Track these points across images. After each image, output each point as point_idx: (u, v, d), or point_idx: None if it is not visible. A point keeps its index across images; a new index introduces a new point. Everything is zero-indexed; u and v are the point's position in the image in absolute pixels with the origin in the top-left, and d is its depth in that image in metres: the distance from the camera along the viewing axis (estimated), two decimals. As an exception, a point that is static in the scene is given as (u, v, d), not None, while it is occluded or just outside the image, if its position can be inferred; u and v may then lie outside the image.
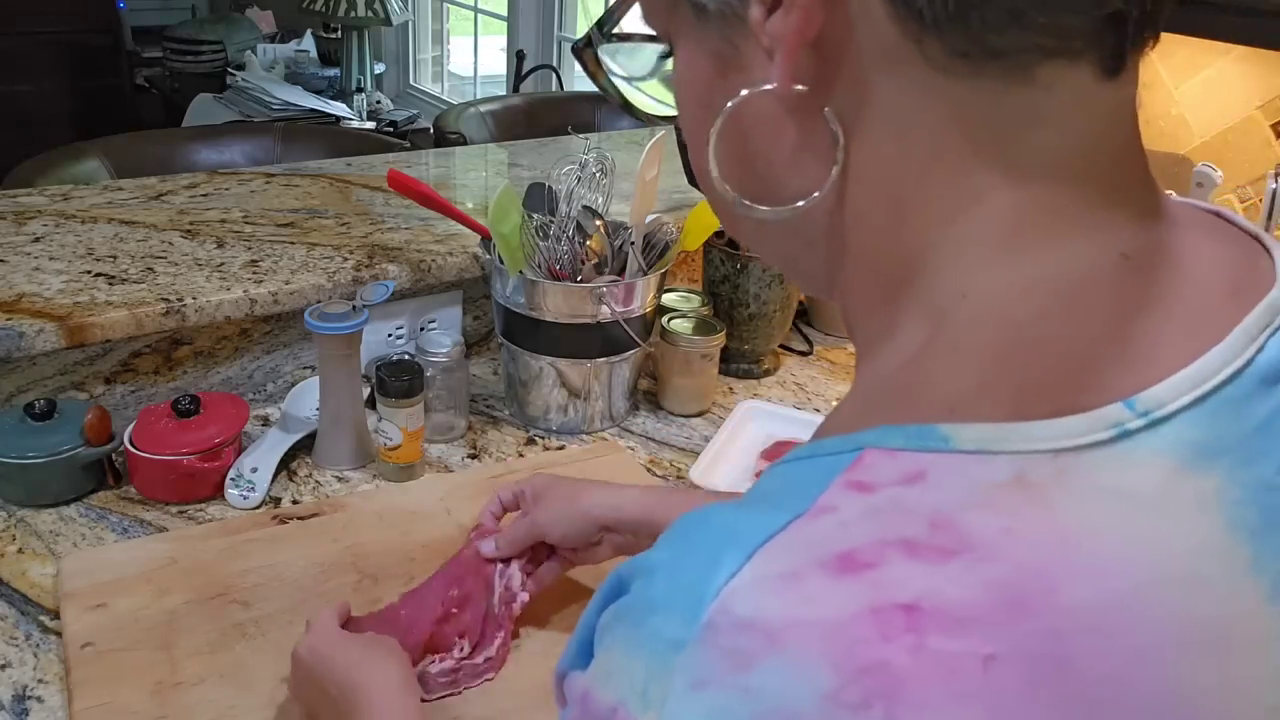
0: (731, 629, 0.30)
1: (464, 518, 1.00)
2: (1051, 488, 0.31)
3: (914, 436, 0.33)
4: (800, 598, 0.30)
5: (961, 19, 0.33)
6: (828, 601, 0.30)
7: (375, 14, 3.44)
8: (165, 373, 1.14)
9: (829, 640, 0.29)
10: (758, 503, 0.34)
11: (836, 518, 0.32)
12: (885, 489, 0.32)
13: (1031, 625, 0.30)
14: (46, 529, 0.97)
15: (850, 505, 0.32)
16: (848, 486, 0.32)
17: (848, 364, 1.41)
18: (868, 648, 0.29)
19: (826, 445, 0.35)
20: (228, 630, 0.84)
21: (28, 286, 1.11)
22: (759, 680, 0.30)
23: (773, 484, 0.36)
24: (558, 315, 1.12)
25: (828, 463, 0.33)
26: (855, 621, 0.30)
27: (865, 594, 0.30)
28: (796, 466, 0.35)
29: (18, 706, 0.78)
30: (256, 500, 1.02)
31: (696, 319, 1.26)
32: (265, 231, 1.30)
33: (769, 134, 0.39)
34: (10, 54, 3.71)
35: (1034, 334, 0.34)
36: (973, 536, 0.31)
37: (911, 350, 0.36)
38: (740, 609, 0.31)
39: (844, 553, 0.31)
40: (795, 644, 0.30)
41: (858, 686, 0.29)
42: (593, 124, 2.30)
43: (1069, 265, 0.35)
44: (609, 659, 0.34)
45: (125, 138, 1.83)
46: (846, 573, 0.30)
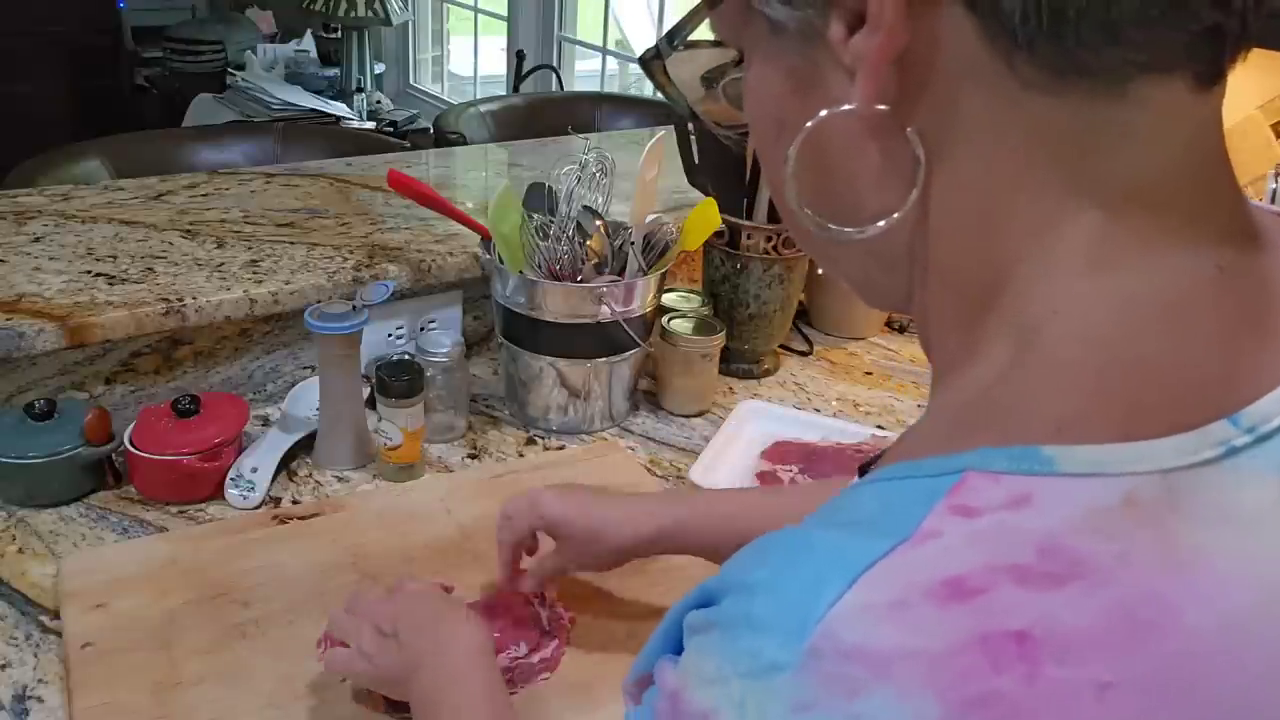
0: (837, 656, 0.30)
1: (464, 518, 1.00)
2: (1162, 508, 0.31)
3: (1017, 459, 0.32)
4: (907, 627, 0.30)
5: (1055, 36, 0.32)
6: (935, 631, 0.30)
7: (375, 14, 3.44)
8: (165, 373, 1.14)
9: (937, 671, 0.29)
10: (856, 525, 0.34)
11: (941, 543, 0.31)
12: (990, 514, 0.31)
13: (1148, 651, 0.29)
14: (46, 529, 0.97)
15: (955, 530, 0.31)
16: (951, 511, 0.32)
17: (847, 364, 1.41)
18: (978, 679, 0.29)
19: (924, 466, 0.34)
20: (228, 630, 0.84)
21: (28, 286, 1.11)
22: (864, 709, 0.29)
23: (868, 506, 0.35)
24: (558, 315, 1.12)
25: (927, 485, 0.33)
26: (964, 651, 0.29)
27: (974, 622, 0.29)
28: (893, 487, 0.35)
29: (18, 706, 0.78)
30: (256, 500, 1.02)
31: (696, 319, 1.26)
32: (265, 231, 1.30)
33: (848, 153, 0.38)
34: (10, 54, 3.71)
35: (1135, 351, 0.34)
36: (1085, 562, 0.30)
37: (998, 368, 0.36)
38: (846, 636, 0.30)
39: (951, 579, 0.30)
40: (902, 674, 0.29)
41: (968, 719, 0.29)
42: (593, 124, 2.30)
43: (1165, 280, 0.35)
44: (703, 664, 0.34)
45: (125, 138, 1.83)
46: (954, 600, 0.30)
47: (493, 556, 0.94)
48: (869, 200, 0.38)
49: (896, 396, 1.32)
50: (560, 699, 0.80)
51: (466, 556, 0.95)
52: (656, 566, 0.95)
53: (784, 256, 1.27)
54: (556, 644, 0.84)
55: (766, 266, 1.27)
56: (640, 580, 0.93)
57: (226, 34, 3.85)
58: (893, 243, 0.39)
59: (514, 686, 0.80)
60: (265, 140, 1.92)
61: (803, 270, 1.33)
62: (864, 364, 1.41)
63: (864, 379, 1.37)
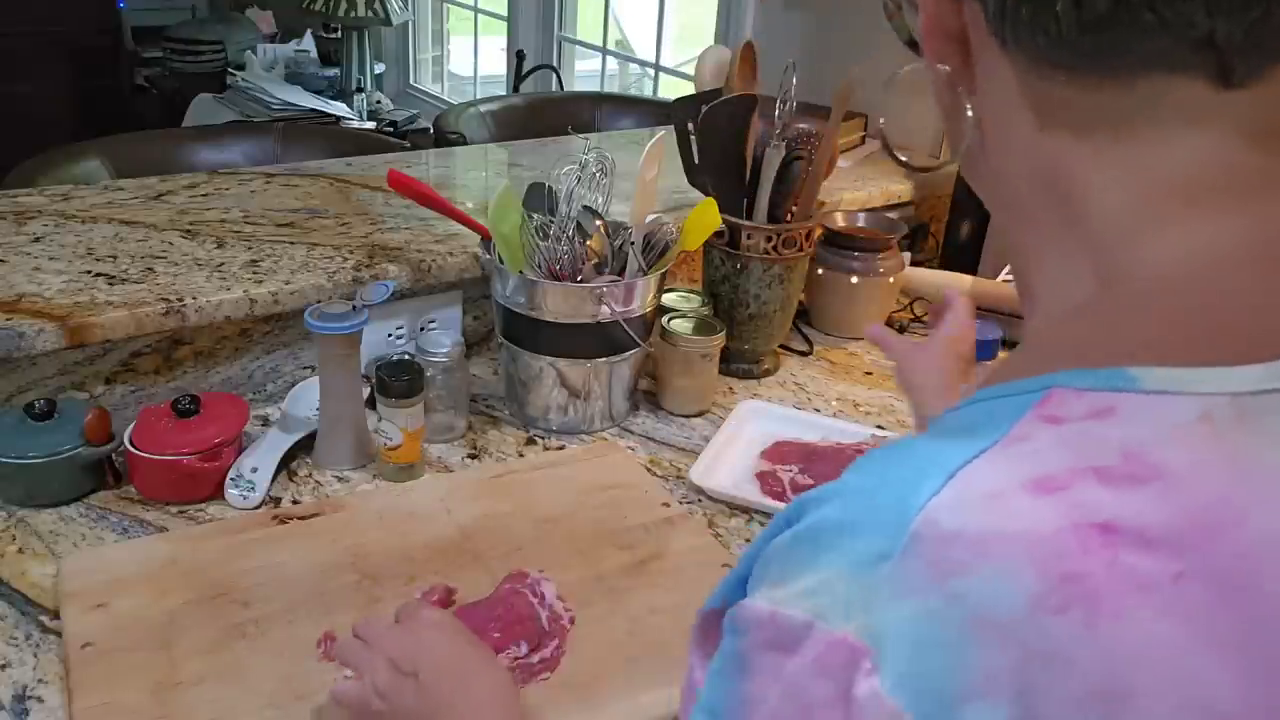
0: (938, 540, 0.33)
1: (464, 518, 1.00)
2: (1233, 427, 0.34)
3: (1102, 378, 0.36)
4: (1004, 513, 0.33)
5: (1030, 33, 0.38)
6: (1030, 517, 0.33)
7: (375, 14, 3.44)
8: (165, 373, 1.14)
9: (1034, 550, 0.32)
10: (950, 433, 0.37)
11: (1031, 445, 0.35)
12: (1075, 422, 0.35)
13: (1219, 548, 0.32)
14: (46, 529, 0.97)
15: (1042, 435, 0.35)
16: (1039, 419, 0.35)
17: (848, 364, 1.41)
18: (1069, 559, 0.32)
19: (1012, 387, 0.38)
20: (228, 630, 0.84)
21: (28, 286, 1.11)
22: (967, 587, 0.32)
23: (962, 419, 0.38)
24: (558, 315, 1.12)
25: (1015, 400, 0.37)
26: (1056, 536, 0.32)
27: (1064, 512, 0.33)
28: (984, 405, 0.38)
29: (18, 706, 0.78)
30: (256, 500, 1.02)
31: (696, 319, 1.26)
32: (265, 231, 1.30)
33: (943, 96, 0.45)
34: (10, 54, 3.71)
35: (1217, 286, 0.38)
36: (1163, 467, 0.33)
37: (1079, 300, 0.41)
38: (946, 523, 0.33)
39: (1040, 477, 0.34)
40: (1001, 553, 0.32)
41: (1060, 593, 0.32)
42: (593, 124, 2.30)
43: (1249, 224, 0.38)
44: (798, 578, 0.36)
45: (125, 138, 1.83)
46: (1044, 493, 0.33)
47: (492, 557, 0.95)
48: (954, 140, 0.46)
49: (896, 396, 1.32)
50: (560, 699, 0.80)
51: (466, 556, 0.95)
52: (657, 566, 0.95)
53: (784, 256, 1.27)
54: (556, 644, 0.84)
55: (766, 266, 1.27)
56: (640, 580, 0.93)
57: (226, 34, 3.85)
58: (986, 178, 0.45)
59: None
60: (265, 140, 1.92)
61: (803, 270, 1.33)
62: (864, 364, 1.41)
63: (864, 379, 1.37)
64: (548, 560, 0.94)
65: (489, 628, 0.84)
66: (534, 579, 0.90)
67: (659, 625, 0.88)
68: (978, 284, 1.48)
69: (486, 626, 0.84)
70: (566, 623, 0.87)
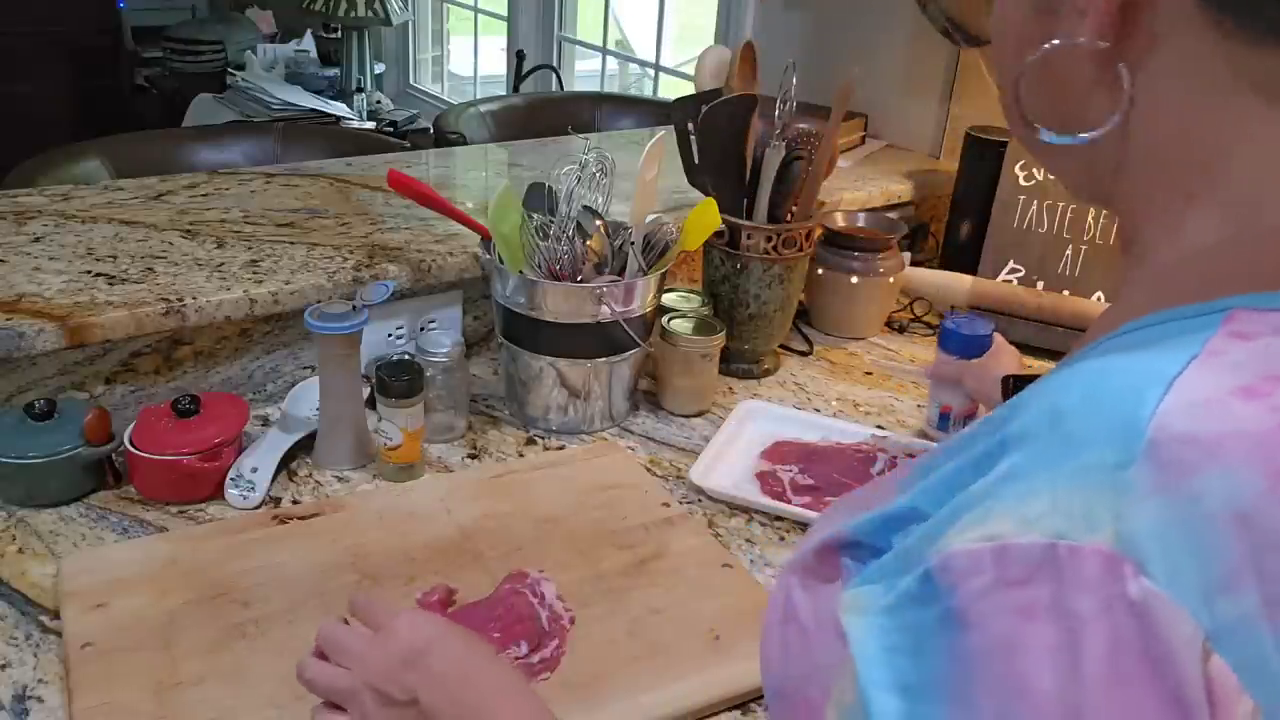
0: (1173, 443, 0.35)
1: (464, 518, 1.00)
2: None
3: (1276, 299, 0.39)
4: (1226, 416, 0.35)
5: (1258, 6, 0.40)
6: (1248, 419, 0.35)
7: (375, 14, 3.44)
8: (165, 373, 1.14)
9: (1257, 448, 0.35)
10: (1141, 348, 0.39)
11: (1229, 359, 0.37)
12: (1263, 338, 0.38)
13: None
14: (46, 529, 0.97)
15: (1236, 350, 0.37)
16: (1230, 336, 0.38)
17: (848, 364, 1.41)
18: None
19: (1181, 312, 0.40)
20: (228, 630, 0.84)
21: (28, 286, 1.11)
22: (1204, 485, 0.34)
23: (1141, 339, 0.41)
24: (558, 315, 1.12)
25: (1194, 322, 0.39)
26: (1274, 433, 0.35)
27: (1273, 414, 0.35)
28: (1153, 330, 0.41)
29: (18, 706, 0.78)
30: (256, 500, 1.02)
31: (696, 319, 1.26)
32: (265, 231, 1.30)
33: (1070, 74, 0.46)
34: (10, 54, 3.71)
35: None
36: None
37: (1216, 238, 0.43)
38: (1178, 426, 0.35)
39: (1245, 385, 0.36)
40: (1230, 453, 0.35)
41: None
42: (593, 124, 2.30)
43: None
44: (1025, 506, 0.37)
45: (125, 138, 1.83)
46: (1253, 398, 0.36)
47: (492, 557, 0.95)
48: (1082, 113, 0.46)
49: (896, 396, 1.32)
50: (560, 698, 0.80)
51: (466, 556, 0.95)
52: (657, 566, 0.95)
53: (784, 256, 1.27)
54: (556, 644, 0.84)
55: (766, 266, 1.27)
56: (640, 580, 0.93)
57: (226, 34, 3.85)
58: (1103, 147, 0.46)
59: None
60: (265, 140, 1.92)
61: (803, 270, 1.33)
62: (864, 364, 1.41)
63: (864, 379, 1.37)
64: (548, 560, 0.94)
65: (489, 628, 0.84)
66: (534, 579, 0.90)
67: (659, 625, 0.88)
68: (978, 284, 1.48)
69: (486, 626, 0.84)
70: (566, 623, 0.87)
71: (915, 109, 1.87)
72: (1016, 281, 1.49)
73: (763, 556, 1.00)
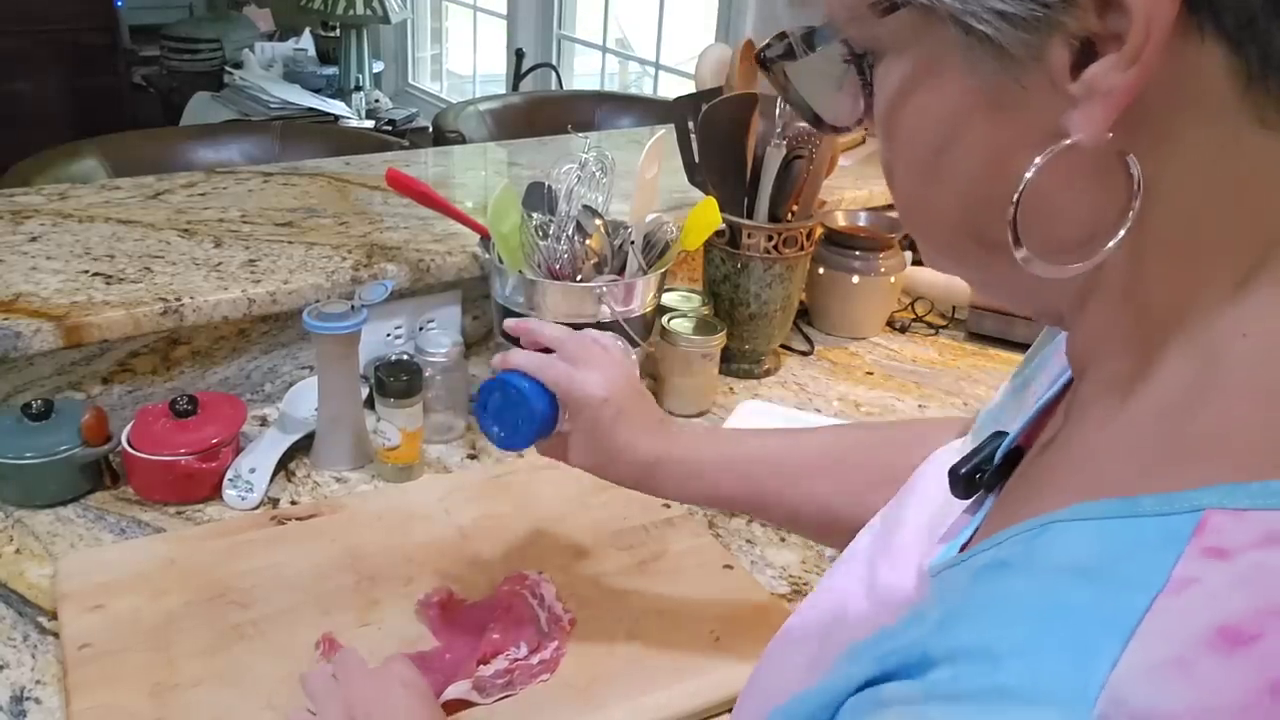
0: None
1: (463, 518, 1.00)
2: None
3: (1258, 495, 0.31)
4: (1195, 684, 0.29)
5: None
6: (1224, 685, 0.29)
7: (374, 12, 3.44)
8: (163, 373, 1.14)
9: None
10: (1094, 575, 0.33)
11: (1203, 590, 0.30)
12: (1245, 554, 0.30)
13: None
14: (44, 530, 0.97)
15: (1213, 576, 0.30)
16: (1204, 554, 0.31)
17: (849, 364, 1.40)
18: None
19: (1143, 505, 0.33)
20: (226, 631, 0.84)
21: (25, 286, 1.10)
22: None
23: (1088, 549, 0.34)
24: (557, 315, 1.12)
25: (1158, 525, 0.32)
26: (1258, 703, 0.29)
27: (1258, 671, 0.29)
28: (1113, 527, 0.34)
29: (15, 708, 0.77)
30: (255, 501, 1.01)
31: (696, 319, 1.25)
32: (263, 231, 1.30)
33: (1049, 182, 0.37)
34: (8, 53, 3.70)
35: None
36: None
37: (1182, 393, 0.36)
38: (1135, 700, 0.29)
39: (1225, 628, 0.29)
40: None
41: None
42: (593, 123, 2.30)
43: None
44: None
45: (123, 136, 1.83)
46: (1234, 650, 0.29)
47: (492, 557, 0.95)
48: (1062, 227, 0.37)
49: (897, 396, 1.32)
50: (560, 699, 0.79)
51: (466, 557, 0.95)
52: (656, 566, 0.95)
53: (785, 256, 1.27)
54: (556, 645, 0.84)
55: (767, 266, 1.27)
56: (640, 580, 0.93)
57: (224, 32, 3.85)
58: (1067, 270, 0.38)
59: (513, 688, 0.80)
60: (263, 139, 1.92)
61: (803, 270, 1.33)
62: (865, 364, 1.41)
63: (865, 379, 1.37)
64: (547, 560, 0.94)
65: (489, 629, 0.83)
66: (534, 580, 0.90)
67: (659, 625, 0.88)
68: (978, 283, 1.48)
69: (486, 627, 0.84)
70: (566, 624, 0.86)
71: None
72: (1017, 281, 1.48)
73: (763, 557, 0.99)
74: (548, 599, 0.87)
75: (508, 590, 0.88)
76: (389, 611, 0.87)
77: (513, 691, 0.79)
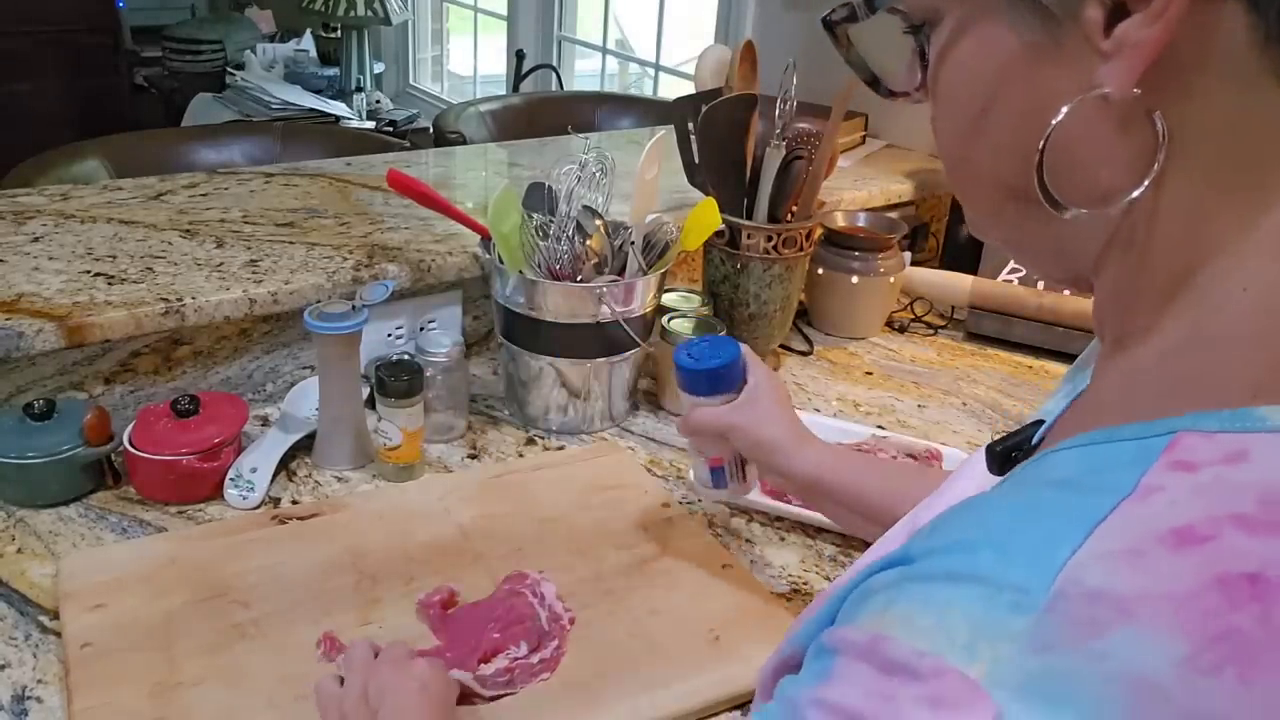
0: (1082, 599, 0.32)
1: (464, 518, 1.00)
2: None
3: (1229, 420, 0.35)
4: (1147, 572, 0.32)
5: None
6: (1173, 574, 0.32)
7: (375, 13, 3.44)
8: (164, 373, 1.14)
9: (1180, 611, 0.31)
10: (1070, 485, 0.36)
11: (1166, 496, 0.33)
12: (1208, 468, 0.34)
13: None
14: (46, 529, 0.97)
15: (1176, 485, 0.34)
16: (1170, 467, 0.34)
17: (848, 364, 1.41)
18: (1218, 617, 0.31)
19: (1122, 432, 0.37)
20: (227, 631, 0.84)
21: (27, 286, 1.10)
22: (1109, 646, 0.31)
23: (1071, 468, 0.37)
24: (558, 315, 1.12)
25: (1134, 447, 0.36)
26: (1204, 593, 0.31)
27: (1208, 566, 0.32)
28: (1094, 451, 0.37)
29: (17, 707, 0.77)
30: (256, 500, 1.02)
31: (696, 319, 1.25)
32: (265, 231, 1.30)
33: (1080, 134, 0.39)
34: (9, 54, 3.71)
35: None
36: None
37: (1175, 342, 0.39)
38: (1090, 580, 0.32)
39: (1180, 528, 0.32)
40: (1148, 614, 0.31)
41: (1211, 653, 0.31)
42: (593, 124, 2.30)
43: None
44: (912, 614, 0.35)
45: (124, 137, 1.83)
46: (1186, 546, 0.32)
47: (492, 557, 0.95)
48: (1090, 180, 0.40)
49: (897, 396, 1.32)
50: (560, 699, 0.80)
51: (466, 556, 0.95)
52: (657, 566, 0.95)
53: (784, 256, 1.27)
54: (557, 644, 0.84)
55: (766, 266, 1.27)
56: (640, 580, 0.93)
57: (226, 33, 3.85)
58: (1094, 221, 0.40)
59: (513, 686, 0.80)
60: (265, 140, 1.92)
61: (803, 270, 1.33)
62: (864, 364, 1.41)
63: (864, 379, 1.37)
64: (548, 560, 0.94)
65: (489, 628, 0.84)
66: (534, 579, 0.90)
67: (659, 625, 0.88)
68: (978, 284, 1.48)
69: (486, 627, 0.84)
70: (566, 623, 0.86)
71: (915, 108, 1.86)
72: (1017, 281, 1.49)
73: (763, 556, 1.00)
74: (548, 598, 0.88)
75: (508, 589, 0.89)
76: (390, 611, 0.87)
77: (513, 690, 0.80)
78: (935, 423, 1.26)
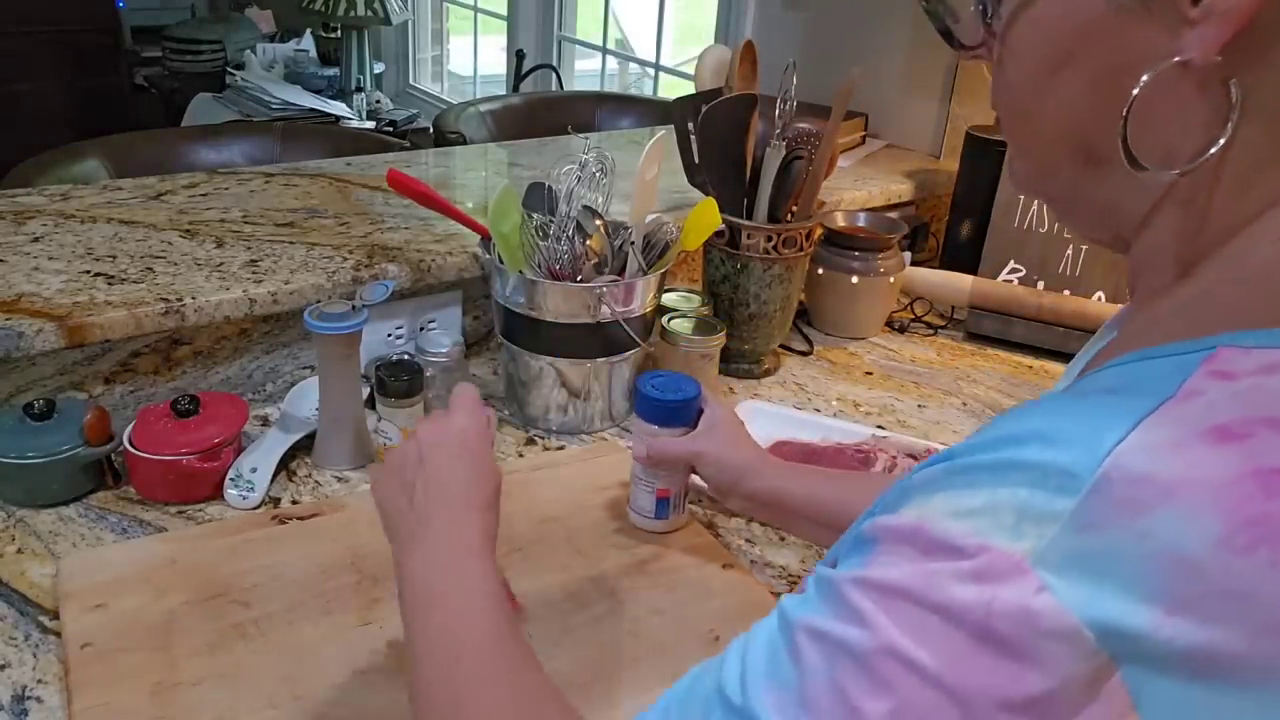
0: (1126, 481, 0.35)
1: (464, 518, 1.00)
2: None
3: (1265, 337, 0.37)
4: (1188, 461, 0.34)
5: None
6: (1213, 465, 0.34)
7: (375, 13, 3.44)
8: (164, 373, 1.14)
9: (1219, 495, 0.34)
10: (1115, 391, 0.38)
11: (1205, 399, 0.36)
12: (1246, 377, 0.36)
13: None
14: (46, 529, 0.97)
15: (1215, 390, 0.36)
16: (1210, 375, 0.37)
17: (848, 364, 1.41)
18: (1253, 503, 0.34)
19: (1164, 349, 0.39)
20: (227, 631, 0.84)
21: (27, 286, 1.11)
22: (1152, 525, 0.34)
23: (1121, 379, 0.40)
24: (558, 315, 1.12)
25: (1175, 360, 0.38)
26: (1240, 481, 0.34)
27: (1245, 460, 0.34)
28: (1136, 366, 0.40)
29: (17, 707, 0.77)
30: (256, 500, 1.02)
31: (696, 319, 1.25)
32: (265, 231, 1.30)
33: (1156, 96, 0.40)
34: (10, 54, 3.71)
35: None
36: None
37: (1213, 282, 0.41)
38: (1134, 466, 0.35)
39: (1218, 426, 0.35)
40: (1188, 497, 0.34)
41: (1245, 535, 0.33)
42: (593, 124, 2.30)
43: None
44: (957, 499, 0.37)
45: (124, 137, 1.83)
46: (1224, 442, 0.35)
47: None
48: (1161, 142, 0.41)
49: (897, 396, 1.32)
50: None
51: (466, 557, 0.95)
52: (657, 566, 0.95)
53: (784, 256, 1.27)
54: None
55: (767, 266, 1.27)
56: (640, 580, 0.93)
57: (226, 33, 3.85)
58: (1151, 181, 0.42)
59: None
60: (265, 140, 1.92)
61: (803, 270, 1.33)
62: (864, 364, 1.41)
63: (864, 379, 1.37)
64: (548, 560, 0.94)
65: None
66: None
67: (659, 625, 0.88)
68: (978, 284, 1.48)
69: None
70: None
71: (915, 109, 1.87)
72: (1017, 281, 1.49)
73: (763, 556, 1.00)
74: None
75: None
76: (390, 610, 0.87)
77: None
78: (935, 423, 1.26)
